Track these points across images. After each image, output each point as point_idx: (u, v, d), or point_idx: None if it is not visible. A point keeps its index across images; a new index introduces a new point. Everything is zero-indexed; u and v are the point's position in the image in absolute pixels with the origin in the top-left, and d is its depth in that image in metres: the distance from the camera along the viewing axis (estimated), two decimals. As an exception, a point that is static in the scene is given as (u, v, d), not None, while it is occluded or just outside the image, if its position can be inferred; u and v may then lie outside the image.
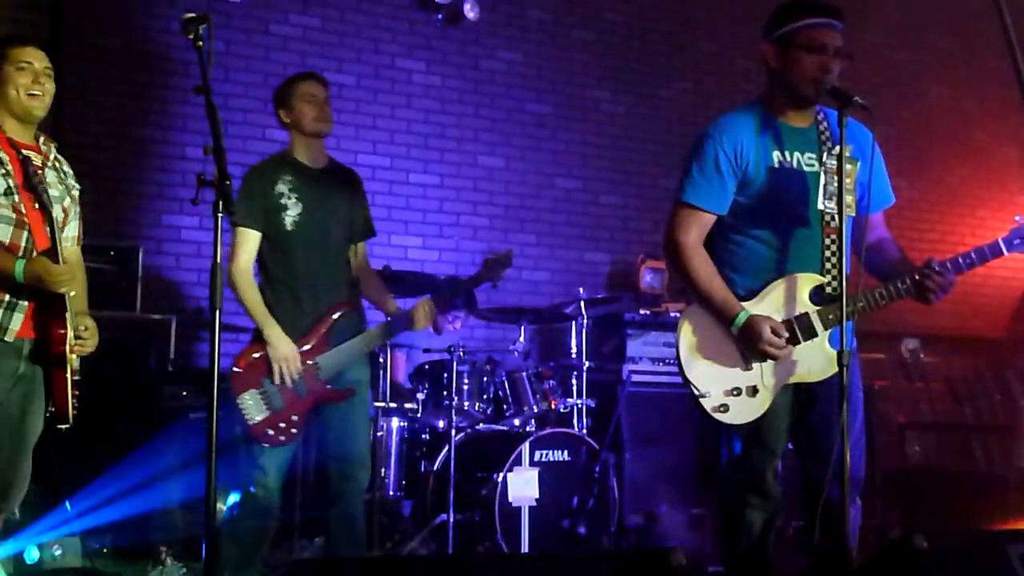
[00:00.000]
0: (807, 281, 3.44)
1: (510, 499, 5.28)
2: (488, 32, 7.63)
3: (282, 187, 4.45)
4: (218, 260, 2.88)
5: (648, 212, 7.97)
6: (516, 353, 5.96)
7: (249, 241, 4.41)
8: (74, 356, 3.61)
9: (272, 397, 4.30)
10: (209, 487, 2.80)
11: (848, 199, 3.45)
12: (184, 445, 5.17)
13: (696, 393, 3.36)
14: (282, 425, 4.30)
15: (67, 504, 4.69)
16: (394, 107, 7.34)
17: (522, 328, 6.02)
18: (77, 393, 3.66)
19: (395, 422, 5.61)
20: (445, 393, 5.44)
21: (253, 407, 4.27)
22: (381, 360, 5.47)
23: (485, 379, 5.67)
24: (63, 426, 3.63)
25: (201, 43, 3.08)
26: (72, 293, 3.52)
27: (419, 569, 2.81)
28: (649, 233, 7.90)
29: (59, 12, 6.34)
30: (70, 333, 3.51)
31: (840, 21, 3.49)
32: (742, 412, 3.36)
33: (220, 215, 2.86)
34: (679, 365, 3.38)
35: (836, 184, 3.39)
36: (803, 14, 3.47)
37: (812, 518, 3.31)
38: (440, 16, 7.45)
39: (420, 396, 5.60)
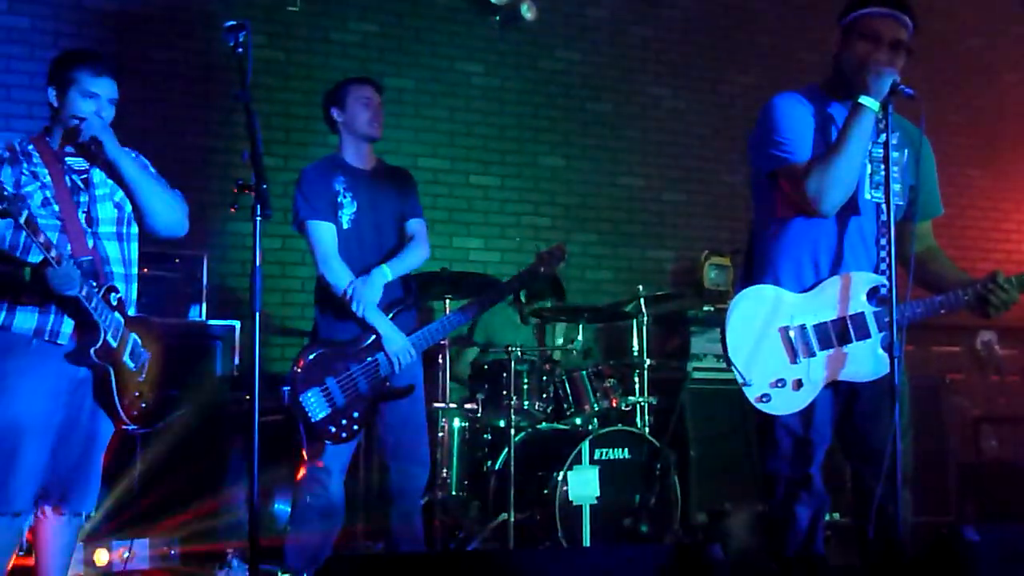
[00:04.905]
0: (863, 280, 3.39)
1: (571, 498, 5.28)
2: (546, 32, 7.65)
3: (337, 186, 4.54)
4: (257, 263, 2.93)
5: (711, 208, 7.94)
6: (574, 352, 5.94)
7: (328, 234, 4.49)
8: (126, 359, 3.68)
9: (334, 394, 4.37)
10: (251, 489, 2.85)
11: (895, 188, 3.41)
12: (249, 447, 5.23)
13: (739, 381, 3.33)
14: (344, 422, 4.37)
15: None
16: (453, 110, 7.39)
17: (580, 327, 6.01)
18: (137, 394, 3.73)
19: (456, 422, 5.63)
20: (505, 393, 5.45)
21: (316, 405, 4.34)
22: (440, 360, 5.49)
23: (544, 378, 5.66)
24: (125, 427, 3.73)
25: (241, 50, 3.09)
26: (71, 293, 3.47)
27: (446, 565, 2.82)
28: (713, 229, 7.86)
29: (123, 24, 6.49)
30: (102, 337, 3.58)
31: (905, 14, 3.43)
32: (784, 404, 3.32)
33: (258, 219, 2.90)
34: (724, 351, 3.36)
35: (883, 174, 3.35)
36: (869, 2, 3.44)
37: (860, 515, 3.27)
38: (497, 18, 7.48)
39: (480, 396, 5.62)
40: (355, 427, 4.42)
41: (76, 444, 3.67)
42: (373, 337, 4.45)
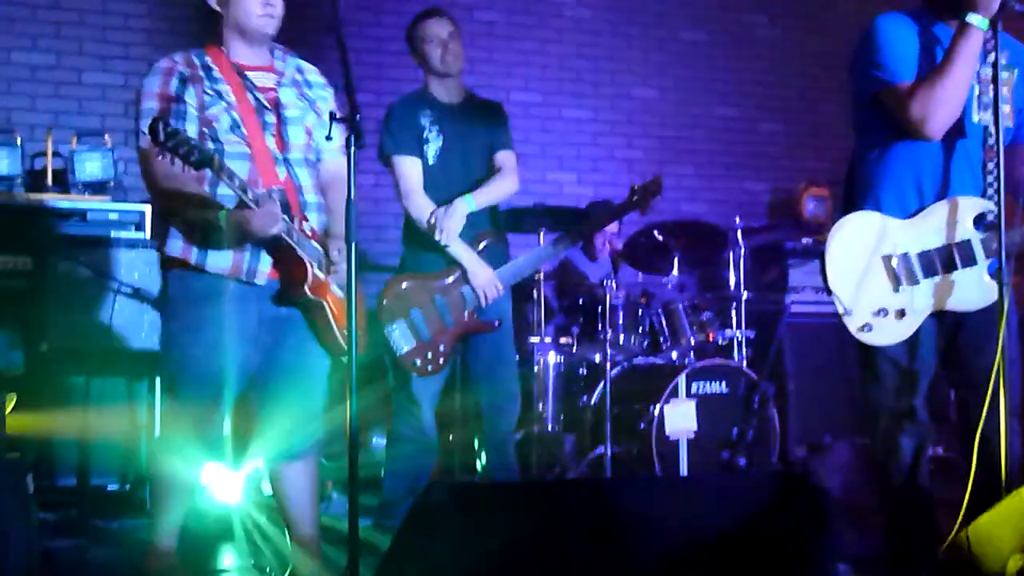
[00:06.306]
0: (970, 206, 3.29)
1: (667, 432, 5.26)
2: (638, -40, 7.51)
3: (424, 120, 4.52)
4: (351, 196, 2.94)
5: (809, 138, 7.77)
6: (671, 285, 5.88)
7: (413, 169, 4.49)
8: (332, 284, 3.48)
9: (420, 327, 4.39)
10: (349, 421, 2.88)
11: (1005, 108, 3.29)
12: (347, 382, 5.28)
13: (840, 311, 3.27)
14: (429, 355, 4.39)
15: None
16: (545, 42, 7.31)
17: (675, 259, 5.93)
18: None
19: (552, 357, 5.62)
20: (600, 327, 5.42)
21: (401, 337, 4.37)
22: (535, 295, 5.48)
23: (640, 312, 5.61)
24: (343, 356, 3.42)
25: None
26: (274, 231, 3.27)
27: (543, 492, 2.83)
28: (810, 160, 7.70)
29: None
30: (310, 270, 3.38)
31: None
32: (886, 334, 3.25)
33: (352, 150, 2.90)
34: (824, 280, 3.29)
35: (991, 95, 3.23)
36: None
37: (966, 447, 3.20)
38: (589, -54, 7.36)
39: (575, 330, 5.60)
40: (441, 360, 4.43)
41: (285, 387, 3.45)
42: (459, 271, 4.45)
